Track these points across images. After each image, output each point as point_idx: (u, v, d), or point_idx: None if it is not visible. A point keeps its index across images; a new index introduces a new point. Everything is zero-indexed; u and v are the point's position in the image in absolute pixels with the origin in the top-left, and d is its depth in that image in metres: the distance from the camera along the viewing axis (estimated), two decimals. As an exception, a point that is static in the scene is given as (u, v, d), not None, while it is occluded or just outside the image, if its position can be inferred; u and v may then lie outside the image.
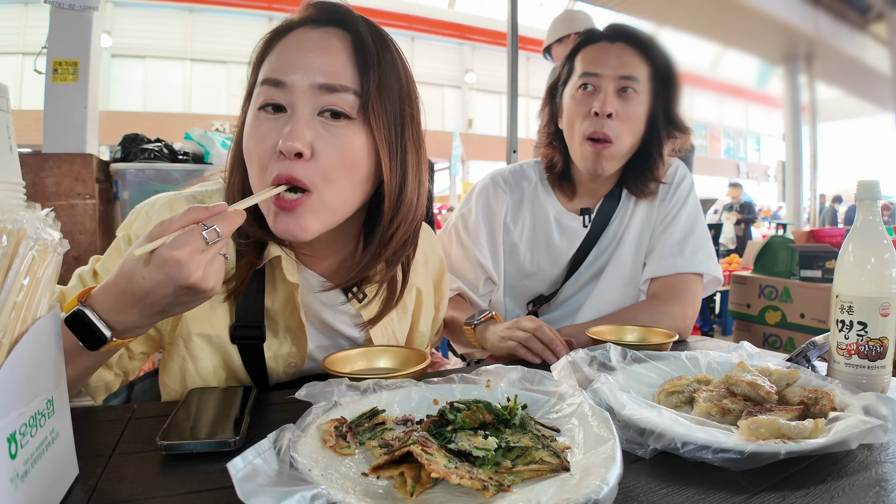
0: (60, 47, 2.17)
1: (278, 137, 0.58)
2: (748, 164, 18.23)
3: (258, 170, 0.61)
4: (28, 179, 1.00)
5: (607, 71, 1.00)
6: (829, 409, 0.54)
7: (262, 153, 0.60)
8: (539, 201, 1.13)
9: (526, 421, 0.49)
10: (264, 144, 0.60)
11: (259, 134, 0.60)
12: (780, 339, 2.53)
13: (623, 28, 1.04)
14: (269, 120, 0.61)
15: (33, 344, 0.38)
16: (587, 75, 1.02)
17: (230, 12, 11.58)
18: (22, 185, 0.43)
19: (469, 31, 13.81)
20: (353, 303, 0.75)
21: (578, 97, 1.03)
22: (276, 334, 0.72)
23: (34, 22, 9.69)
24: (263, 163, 0.60)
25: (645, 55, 1.02)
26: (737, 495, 0.42)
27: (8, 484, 0.34)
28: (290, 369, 0.74)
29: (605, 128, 0.99)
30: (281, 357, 0.73)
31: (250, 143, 0.62)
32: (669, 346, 0.83)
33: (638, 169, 1.07)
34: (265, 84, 0.61)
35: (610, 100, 0.99)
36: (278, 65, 0.61)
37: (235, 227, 0.51)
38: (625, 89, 1.00)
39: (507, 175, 1.17)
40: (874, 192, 0.64)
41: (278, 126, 0.60)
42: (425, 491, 0.39)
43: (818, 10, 5.99)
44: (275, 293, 0.71)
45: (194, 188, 0.74)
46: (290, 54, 0.62)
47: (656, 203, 1.10)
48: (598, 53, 1.03)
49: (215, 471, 0.46)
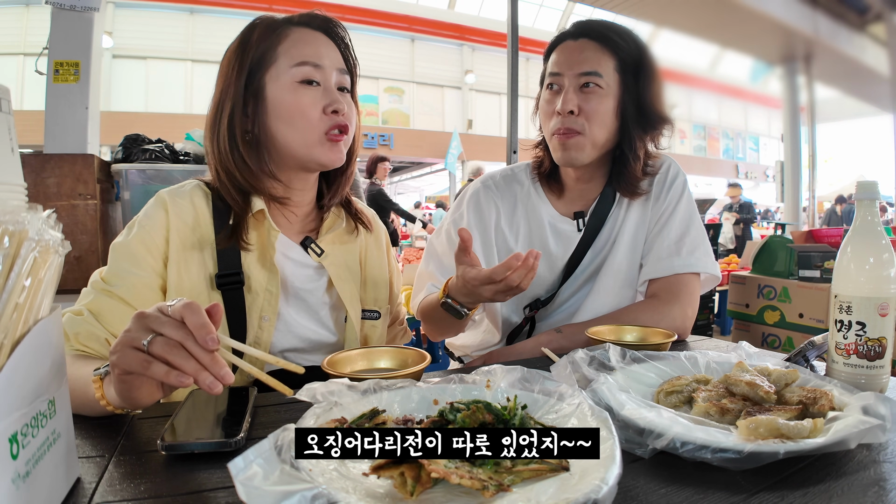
0: (62, 48, 2.18)
1: (322, 102, 0.82)
2: (747, 165, 18.24)
3: (308, 126, 0.81)
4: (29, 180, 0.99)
5: (567, 69, 1.01)
6: (828, 408, 0.55)
7: (313, 114, 0.81)
8: (533, 207, 1.13)
9: (526, 421, 0.49)
10: (314, 108, 0.81)
11: (307, 101, 0.81)
12: (779, 338, 2.53)
13: (586, 23, 1.04)
14: (310, 91, 0.82)
15: (35, 345, 0.38)
16: (552, 75, 1.04)
17: (231, 13, 11.57)
18: (24, 186, 0.43)
19: (469, 31, 13.81)
20: (313, 256, 0.90)
21: (546, 98, 1.05)
22: (250, 287, 0.83)
23: (35, 23, 9.69)
24: (314, 121, 0.81)
25: (608, 48, 1.01)
26: (736, 495, 0.43)
27: (9, 484, 0.34)
28: (264, 323, 0.83)
29: (570, 123, 1.00)
30: (255, 307, 0.82)
31: (297, 108, 0.81)
32: (668, 346, 0.83)
33: (619, 166, 1.06)
34: (304, 65, 0.81)
35: (570, 97, 1.00)
36: (309, 52, 0.82)
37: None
38: (587, 85, 1.00)
39: (498, 179, 1.17)
40: (873, 193, 0.64)
41: (317, 95, 0.82)
42: (425, 491, 0.40)
43: (817, 10, 5.99)
44: (248, 250, 0.83)
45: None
46: (313, 46, 0.83)
47: (650, 203, 1.09)
48: (563, 53, 1.04)
49: (216, 471, 0.46)
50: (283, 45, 0.82)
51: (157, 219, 0.80)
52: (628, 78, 1.02)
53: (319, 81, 0.82)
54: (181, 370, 0.48)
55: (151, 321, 0.50)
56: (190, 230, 0.81)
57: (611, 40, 1.01)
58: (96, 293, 0.75)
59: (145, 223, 0.80)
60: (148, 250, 0.78)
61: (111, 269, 0.77)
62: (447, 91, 14.22)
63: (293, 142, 0.82)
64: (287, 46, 0.82)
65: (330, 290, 0.92)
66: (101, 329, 0.73)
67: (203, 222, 0.83)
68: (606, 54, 1.01)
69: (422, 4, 13.31)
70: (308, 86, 0.81)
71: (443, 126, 13.40)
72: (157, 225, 0.80)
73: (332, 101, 0.82)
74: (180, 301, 0.50)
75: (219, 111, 0.83)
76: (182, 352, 0.48)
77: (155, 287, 0.79)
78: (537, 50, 2.90)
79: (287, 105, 0.81)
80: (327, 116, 0.82)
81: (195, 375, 0.48)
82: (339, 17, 0.91)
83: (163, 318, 0.50)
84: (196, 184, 0.87)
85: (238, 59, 0.82)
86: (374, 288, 0.98)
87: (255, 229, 0.85)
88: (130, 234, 0.79)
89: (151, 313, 0.50)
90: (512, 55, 2.73)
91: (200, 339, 0.48)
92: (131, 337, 0.50)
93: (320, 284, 0.91)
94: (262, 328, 0.83)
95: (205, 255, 0.82)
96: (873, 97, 7.53)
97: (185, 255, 0.80)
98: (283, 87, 0.81)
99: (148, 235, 0.79)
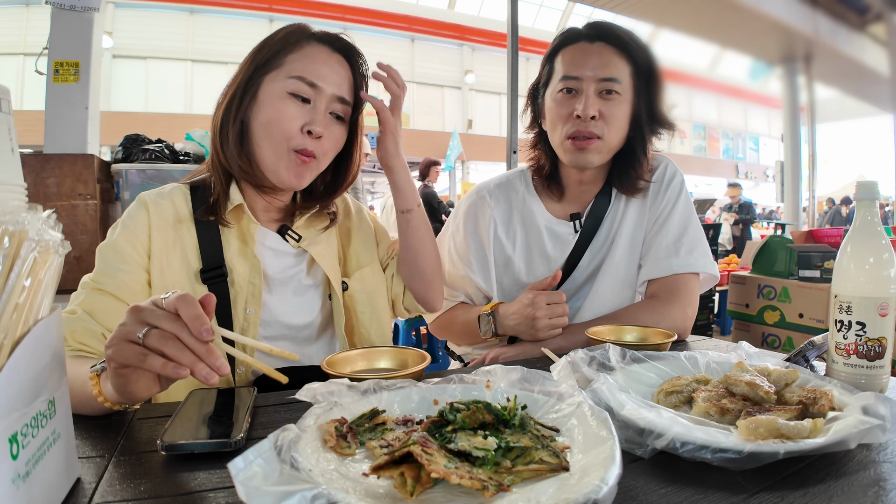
0: (62, 48, 2.18)
1: (303, 120, 0.81)
2: (747, 165, 18.24)
3: (282, 137, 0.81)
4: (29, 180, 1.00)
5: (588, 73, 0.99)
6: (828, 408, 0.55)
7: (290, 127, 0.81)
8: (528, 212, 1.13)
9: (525, 421, 0.49)
10: (293, 122, 0.81)
11: (289, 113, 0.81)
12: (779, 338, 2.53)
13: (602, 26, 1.02)
14: (297, 106, 0.81)
15: (35, 345, 0.38)
16: (568, 78, 1.01)
17: (231, 13, 11.59)
18: (24, 186, 0.43)
19: (469, 31, 13.81)
20: (291, 242, 0.91)
21: (560, 100, 1.02)
22: (233, 281, 0.84)
23: (35, 23, 9.69)
24: (289, 134, 0.81)
25: (626, 54, 1.01)
26: (736, 495, 0.43)
27: (9, 484, 0.34)
28: (249, 315, 0.84)
29: (591, 127, 0.99)
30: (239, 301, 0.84)
31: (277, 116, 0.80)
32: (668, 346, 0.83)
33: (623, 167, 1.06)
34: (300, 81, 0.81)
35: (592, 102, 0.99)
36: (312, 70, 0.82)
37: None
38: (608, 91, 1.00)
39: (492, 188, 1.17)
40: (873, 193, 0.64)
41: (302, 112, 0.82)
42: (425, 491, 0.40)
43: (817, 10, 5.99)
44: (228, 243, 0.85)
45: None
46: (321, 66, 0.83)
47: (647, 202, 1.09)
48: (578, 55, 1.02)
49: (216, 471, 0.46)
50: (293, 55, 0.83)
51: (140, 218, 0.82)
52: (641, 84, 1.02)
53: (311, 100, 0.82)
54: (177, 362, 0.49)
55: (146, 314, 0.50)
56: (171, 227, 0.83)
57: (629, 46, 1.01)
58: (87, 292, 0.76)
59: (128, 223, 0.82)
60: (133, 248, 0.80)
61: (99, 269, 0.78)
62: (447, 91, 14.22)
63: (264, 149, 0.82)
64: (295, 57, 0.83)
65: (312, 271, 0.93)
66: (96, 325, 0.73)
67: (184, 217, 0.85)
68: (623, 60, 1.01)
69: (422, 4, 13.31)
70: (296, 99, 0.81)
71: (443, 126, 13.39)
72: (140, 224, 0.82)
73: (311, 122, 0.81)
74: (174, 293, 0.51)
75: (225, 93, 0.85)
76: (177, 343, 0.49)
77: (143, 283, 0.80)
78: (537, 50, 2.90)
79: (269, 110, 0.81)
80: (302, 135, 0.81)
81: (191, 366, 0.49)
82: (339, 17, 0.90)
83: (157, 310, 0.50)
84: (176, 185, 0.89)
85: (254, 53, 0.84)
86: (352, 251, 0.99)
87: (234, 221, 0.86)
88: (115, 235, 0.81)
89: (146, 306, 0.51)
90: (512, 55, 2.73)
91: (195, 330, 0.49)
92: (126, 330, 0.50)
93: (301, 269, 0.92)
94: (248, 320, 0.84)
95: (187, 251, 0.83)
96: (873, 97, 7.53)
97: (168, 253, 0.82)
98: (273, 93, 0.82)
99: (132, 234, 0.81)
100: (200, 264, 0.83)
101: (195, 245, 0.83)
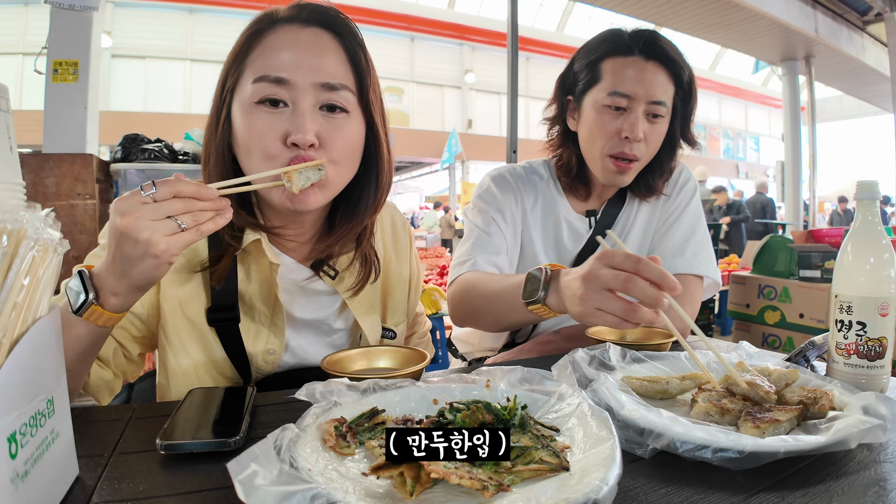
0: (61, 48, 2.18)
1: (282, 130, 0.64)
2: (747, 164, 18.25)
3: (262, 158, 0.65)
4: (28, 179, 1.01)
5: (641, 93, 0.96)
6: (829, 408, 0.55)
7: (268, 144, 0.64)
8: (552, 199, 1.12)
9: (525, 421, 0.49)
10: (269, 136, 0.64)
11: (260, 128, 0.65)
12: (780, 338, 2.53)
13: (658, 44, 0.98)
14: (269, 114, 0.65)
15: (33, 344, 0.38)
16: (619, 95, 0.97)
17: (230, 13, 11.56)
18: (22, 185, 0.43)
19: (469, 31, 13.81)
20: (326, 280, 0.79)
21: (606, 115, 0.99)
22: (253, 318, 0.75)
23: (34, 22, 9.69)
24: (271, 152, 0.65)
25: (674, 76, 0.99)
26: (736, 495, 0.42)
27: (8, 484, 0.34)
28: (270, 356, 0.76)
29: (634, 150, 0.98)
30: (259, 342, 0.75)
31: (250, 135, 0.65)
32: (668, 346, 0.83)
33: (647, 176, 1.07)
34: (262, 81, 0.64)
35: (640, 124, 0.97)
36: (276, 62, 0.65)
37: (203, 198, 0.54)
38: (655, 115, 0.98)
39: (518, 170, 1.15)
40: (873, 193, 0.64)
41: (280, 120, 0.65)
42: (425, 491, 0.39)
43: (817, 10, 6.00)
44: (249, 279, 0.75)
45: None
46: (285, 53, 0.65)
47: (660, 204, 1.11)
48: (633, 72, 0.97)
49: (215, 471, 0.46)
50: (255, 52, 0.66)
51: None
52: (679, 103, 1.02)
53: (287, 101, 0.65)
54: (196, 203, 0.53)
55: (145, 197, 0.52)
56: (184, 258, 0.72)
57: (678, 68, 0.99)
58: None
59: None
60: None
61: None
62: (447, 91, 14.22)
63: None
64: (257, 54, 0.66)
65: (344, 314, 0.83)
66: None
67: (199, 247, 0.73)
68: (671, 82, 0.99)
69: (421, 4, 13.30)
70: (267, 107, 0.64)
71: (442, 126, 13.40)
72: None
73: (293, 129, 0.64)
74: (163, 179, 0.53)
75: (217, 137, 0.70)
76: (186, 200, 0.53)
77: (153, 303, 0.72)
78: (537, 49, 2.90)
79: (241, 131, 0.66)
80: (287, 148, 0.64)
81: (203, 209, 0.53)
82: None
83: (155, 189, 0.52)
84: None
85: (224, 69, 0.69)
86: (393, 300, 0.90)
87: (254, 262, 0.74)
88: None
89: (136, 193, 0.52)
90: (512, 55, 2.73)
91: (198, 193, 0.53)
92: (131, 202, 0.51)
93: (333, 311, 0.81)
94: (267, 361, 0.76)
95: (198, 285, 0.73)
96: (873, 97, 7.53)
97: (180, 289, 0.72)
98: (242, 109, 0.66)
99: None
100: (209, 302, 0.72)
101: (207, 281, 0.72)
